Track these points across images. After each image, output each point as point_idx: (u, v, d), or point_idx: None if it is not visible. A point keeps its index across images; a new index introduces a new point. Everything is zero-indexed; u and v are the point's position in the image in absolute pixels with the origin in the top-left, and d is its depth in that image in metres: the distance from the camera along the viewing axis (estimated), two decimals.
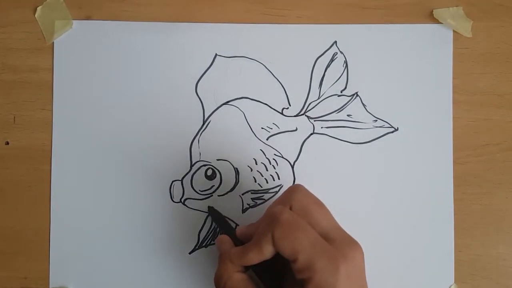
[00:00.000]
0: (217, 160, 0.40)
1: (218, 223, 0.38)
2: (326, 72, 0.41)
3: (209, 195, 0.40)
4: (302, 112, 0.41)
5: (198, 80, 0.41)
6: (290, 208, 0.32)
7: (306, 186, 0.40)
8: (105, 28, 0.41)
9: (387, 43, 0.41)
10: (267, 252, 0.31)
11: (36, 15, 0.41)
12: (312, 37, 0.41)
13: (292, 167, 0.41)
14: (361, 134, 0.41)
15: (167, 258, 0.40)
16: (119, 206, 0.40)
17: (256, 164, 0.40)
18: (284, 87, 0.41)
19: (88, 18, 0.41)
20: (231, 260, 0.32)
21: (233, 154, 0.40)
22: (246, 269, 0.33)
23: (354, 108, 0.41)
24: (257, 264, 0.32)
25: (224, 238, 0.35)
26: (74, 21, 0.41)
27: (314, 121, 0.41)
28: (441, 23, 0.41)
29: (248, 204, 0.40)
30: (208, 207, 0.39)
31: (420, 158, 0.41)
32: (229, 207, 0.40)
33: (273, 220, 0.31)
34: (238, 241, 0.34)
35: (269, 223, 0.31)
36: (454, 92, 0.41)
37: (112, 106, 0.40)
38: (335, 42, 0.41)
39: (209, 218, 0.40)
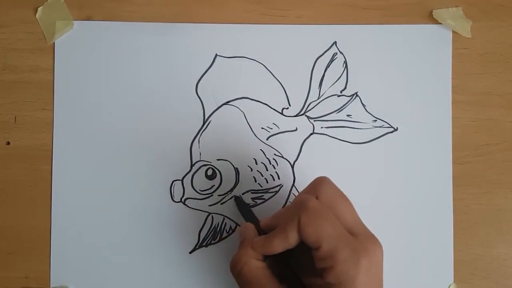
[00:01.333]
0: (217, 160, 0.40)
1: (244, 213, 0.38)
2: (326, 72, 0.41)
3: (209, 195, 0.40)
4: (302, 112, 0.41)
5: (198, 80, 0.41)
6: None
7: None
8: (105, 29, 0.41)
9: (386, 43, 0.41)
10: (293, 239, 0.31)
11: (37, 16, 0.41)
12: (312, 37, 0.41)
13: (292, 167, 0.41)
14: (360, 134, 0.41)
15: (167, 258, 0.40)
16: (119, 206, 0.40)
17: (256, 164, 0.40)
18: (284, 87, 0.41)
19: (88, 18, 0.41)
20: (253, 246, 0.32)
21: (233, 154, 0.40)
22: (265, 259, 0.33)
23: (354, 108, 0.41)
24: (277, 256, 0.32)
25: (249, 226, 0.35)
26: (75, 22, 0.41)
27: (314, 121, 0.41)
28: (440, 23, 0.41)
29: (248, 204, 0.40)
30: (235, 197, 0.40)
31: (419, 158, 0.41)
32: (229, 207, 0.40)
33: (300, 207, 0.31)
34: (262, 232, 0.34)
35: (296, 210, 0.31)
36: (453, 92, 0.41)
37: (113, 106, 0.40)
38: (335, 42, 0.41)
39: (209, 218, 0.40)
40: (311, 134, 0.41)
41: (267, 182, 0.40)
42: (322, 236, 0.30)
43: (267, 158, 0.41)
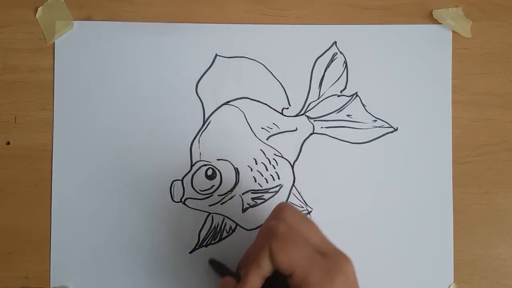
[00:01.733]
0: (217, 160, 0.40)
1: (222, 272, 0.37)
2: (326, 72, 0.41)
3: (209, 194, 0.40)
4: (302, 112, 0.41)
5: (198, 80, 0.41)
6: None
7: (306, 186, 0.40)
8: (105, 29, 0.41)
9: (386, 43, 0.41)
10: (266, 268, 0.31)
11: (37, 16, 0.41)
12: (312, 37, 0.41)
13: (292, 167, 0.41)
14: (360, 134, 0.41)
15: (167, 258, 0.40)
16: (119, 206, 0.40)
17: (256, 164, 0.40)
18: (284, 87, 0.41)
19: (88, 18, 0.41)
20: None
21: (233, 154, 0.40)
22: None
23: (354, 108, 0.41)
24: None
25: (228, 280, 0.35)
26: (75, 22, 0.41)
27: (314, 121, 0.41)
28: (440, 23, 0.41)
29: (248, 204, 0.40)
30: (209, 260, 0.38)
31: (419, 158, 0.41)
32: (229, 207, 0.40)
33: (270, 234, 0.31)
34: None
35: (266, 238, 0.31)
36: (453, 92, 0.41)
37: (113, 106, 0.40)
38: (335, 42, 0.41)
39: (209, 218, 0.40)
40: (311, 134, 0.41)
41: (267, 182, 0.40)
42: (294, 262, 0.30)
43: (267, 158, 0.41)
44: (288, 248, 0.31)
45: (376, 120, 0.41)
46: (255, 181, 0.40)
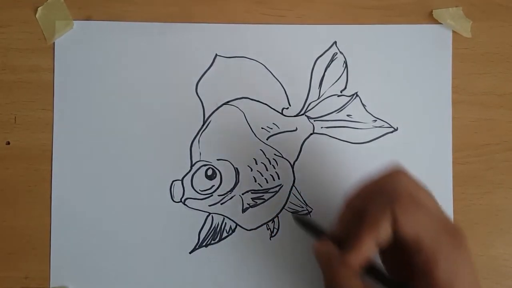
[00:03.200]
0: (217, 160, 0.40)
1: (308, 229, 0.33)
2: (326, 72, 0.41)
3: (209, 195, 0.40)
4: (302, 112, 0.41)
5: (198, 80, 0.41)
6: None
7: (306, 186, 0.40)
8: (105, 28, 0.41)
9: (386, 43, 0.41)
10: (384, 233, 0.27)
11: (36, 16, 0.41)
12: (312, 37, 0.41)
13: (292, 167, 0.41)
14: (360, 134, 0.41)
15: (167, 258, 0.40)
16: (119, 206, 0.40)
17: (256, 164, 0.40)
18: (284, 87, 0.41)
19: (88, 18, 0.41)
20: (344, 262, 0.27)
21: (233, 154, 0.40)
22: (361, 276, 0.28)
23: (354, 108, 0.41)
24: (371, 268, 0.28)
25: (325, 243, 0.29)
26: (75, 22, 0.41)
27: (314, 121, 0.41)
28: (440, 23, 0.41)
29: (248, 204, 0.40)
30: (292, 215, 0.36)
31: (419, 158, 0.41)
32: (229, 207, 0.40)
33: (391, 195, 0.27)
34: (337, 244, 0.29)
35: (387, 198, 0.27)
36: (453, 92, 0.41)
37: (113, 106, 0.40)
38: (335, 42, 0.41)
39: (209, 218, 0.40)
40: (311, 134, 0.41)
41: (267, 182, 0.40)
42: (422, 230, 0.27)
43: (267, 158, 0.41)
44: (415, 214, 0.27)
45: (376, 120, 0.41)
46: (255, 181, 0.40)
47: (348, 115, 0.41)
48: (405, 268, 0.28)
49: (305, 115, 0.41)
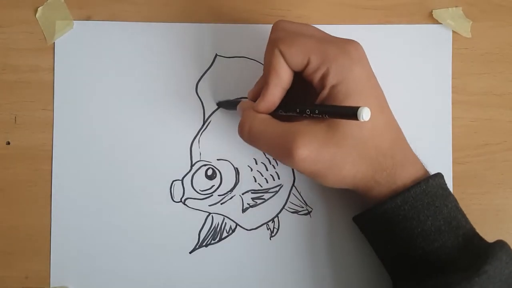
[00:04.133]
0: (217, 160, 0.40)
1: (229, 104, 0.39)
2: None
3: (209, 195, 0.40)
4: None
5: (198, 80, 0.41)
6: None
7: (306, 186, 0.40)
8: (105, 29, 0.41)
9: (386, 43, 0.41)
10: (283, 73, 0.32)
11: (37, 16, 0.41)
12: None
13: None
14: None
15: (167, 258, 0.40)
16: (119, 206, 0.40)
17: (256, 164, 0.40)
18: None
19: (88, 18, 0.41)
20: (255, 107, 0.33)
21: (233, 154, 0.40)
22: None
23: None
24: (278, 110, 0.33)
25: (246, 101, 0.36)
26: (75, 22, 0.41)
27: None
28: (440, 23, 0.41)
29: (248, 204, 0.40)
30: (217, 103, 0.40)
31: (419, 158, 0.41)
32: (229, 207, 0.40)
33: (275, 39, 0.32)
34: None
35: (272, 45, 0.32)
36: (453, 92, 0.41)
37: (113, 106, 0.40)
38: None
39: (209, 218, 0.40)
40: None
41: (267, 182, 0.40)
42: (308, 48, 0.31)
43: (267, 158, 0.41)
44: (297, 41, 0.31)
45: None
46: (255, 181, 0.40)
47: None
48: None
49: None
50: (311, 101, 0.33)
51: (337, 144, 0.31)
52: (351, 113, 0.28)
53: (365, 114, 0.27)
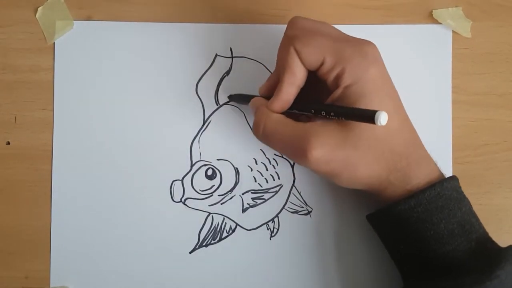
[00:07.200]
0: (218, 160, 0.40)
1: (241, 99, 0.39)
2: None
3: (209, 194, 0.40)
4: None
5: (198, 80, 0.41)
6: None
7: (306, 186, 0.40)
8: (105, 28, 0.41)
9: (386, 43, 0.41)
10: (298, 72, 0.31)
11: (37, 16, 0.41)
12: None
13: (292, 166, 0.41)
14: None
15: (167, 258, 0.40)
16: (119, 206, 0.40)
17: (256, 164, 0.40)
18: None
19: (88, 18, 0.41)
20: (269, 105, 0.33)
21: (233, 154, 0.40)
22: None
23: None
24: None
25: (259, 97, 0.35)
26: (75, 22, 0.41)
27: None
28: (440, 23, 0.41)
29: (248, 204, 0.40)
30: (229, 96, 0.40)
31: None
32: (229, 207, 0.40)
33: (290, 40, 0.31)
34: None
35: (287, 42, 0.32)
36: (453, 92, 0.41)
37: (113, 106, 0.40)
38: None
39: (209, 218, 0.40)
40: None
41: (267, 182, 0.40)
42: (323, 48, 0.31)
43: (267, 158, 0.41)
44: (313, 40, 0.31)
45: None
46: (255, 181, 0.40)
47: None
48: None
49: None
50: (322, 99, 0.33)
51: (352, 145, 0.31)
52: (368, 117, 0.27)
53: (382, 118, 0.27)
